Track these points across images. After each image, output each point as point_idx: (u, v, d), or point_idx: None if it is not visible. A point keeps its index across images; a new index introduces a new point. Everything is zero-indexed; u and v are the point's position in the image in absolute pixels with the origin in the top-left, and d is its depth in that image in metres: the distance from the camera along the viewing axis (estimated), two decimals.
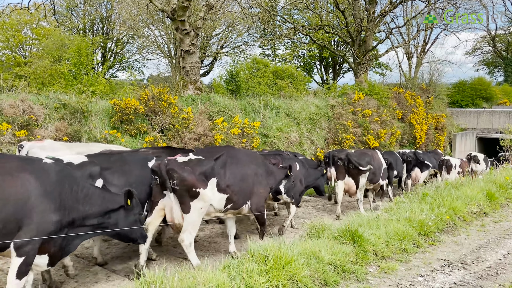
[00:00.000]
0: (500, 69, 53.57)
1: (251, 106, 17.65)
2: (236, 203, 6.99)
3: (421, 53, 37.89)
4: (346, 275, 5.81)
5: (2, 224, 4.49)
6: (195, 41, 16.45)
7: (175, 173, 6.29)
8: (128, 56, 35.65)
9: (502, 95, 43.14)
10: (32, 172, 4.80)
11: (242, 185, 7.01)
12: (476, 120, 33.83)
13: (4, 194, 4.52)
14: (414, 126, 24.25)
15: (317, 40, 26.78)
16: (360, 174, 10.68)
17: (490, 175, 10.81)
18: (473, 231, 7.95)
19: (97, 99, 13.42)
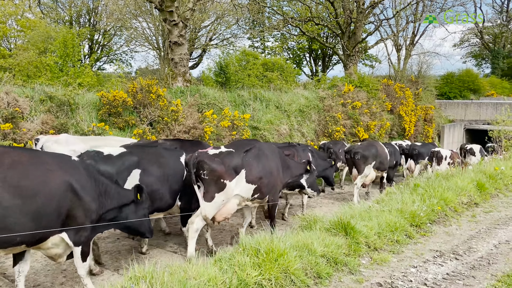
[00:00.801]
0: (487, 61, 53.97)
1: (240, 98, 17.50)
2: (263, 193, 7.42)
3: (410, 45, 37.95)
4: (339, 267, 5.76)
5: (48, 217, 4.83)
6: (184, 33, 16.23)
7: (205, 164, 6.63)
8: (116, 49, 35.14)
9: (489, 87, 43.43)
10: (68, 168, 5.18)
11: (270, 178, 7.47)
12: (464, 112, 34.06)
13: (49, 187, 4.84)
14: (403, 117, 24.31)
15: (306, 32, 26.64)
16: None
17: (480, 165, 10.85)
18: (464, 222, 7.96)
19: (84, 91, 13.17)
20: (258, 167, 7.21)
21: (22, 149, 5.28)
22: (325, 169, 11.17)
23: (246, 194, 7.17)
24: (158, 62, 35.59)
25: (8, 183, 4.55)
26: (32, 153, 5.21)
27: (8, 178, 4.58)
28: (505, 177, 10.41)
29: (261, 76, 20.65)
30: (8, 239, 4.58)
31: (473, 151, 18.21)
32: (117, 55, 36.10)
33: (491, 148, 16.10)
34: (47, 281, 6.90)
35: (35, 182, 4.74)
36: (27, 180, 4.69)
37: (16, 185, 4.60)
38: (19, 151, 5.00)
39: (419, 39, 38.30)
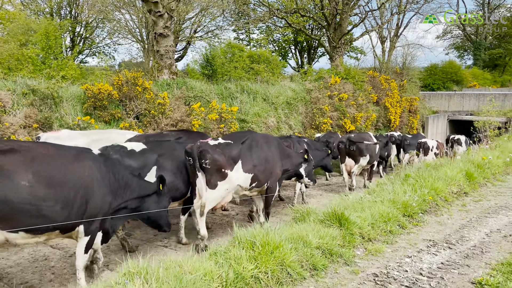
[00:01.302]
0: (469, 52, 54.67)
1: (227, 91, 17.34)
2: (260, 181, 7.75)
3: (394, 37, 38.19)
4: (334, 259, 5.72)
5: (75, 206, 5.16)
6: (169, 24, 15.95)
7: (208, 153, 6.98)
8: (98, 41, 34.46)
9: (472, 78, 44.05)
10: (90, 161, 5.48)
11: (266, 165, 7.80)
12: (448, 103, 34.48)
13: (73, 179, 5.17)
14: (389, 109, 24.44)
15: (292, 24, 26.51)
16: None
17: (467, 155, 10.94)
18: (455, 211, 8.00)
19: (68, 84, 12.85)
20: (253, 156, 7.54)
21: (48, 144, 5.67)
22: (323, 158, 11.86)
23: (244, 183, 7.50)
24: (142, 55, 35.14)
25: (41, 176, 4.89)
26: (58, 147, 5.52)
27: (41, 171, 4.92)
28: (492, 166, 10.52)
29: (248, 69, 20.49)
30: (46, 224, 4.96)
31: (460, 141, 18.65)
32: (100, 48, 35.46)
33: (477, 138, 16.36)
34: (35, 278, 6.75)
35: (62, 174, 5.09)
36: (56, 172, 5.04)
37: (48, 176, 4.95)
38: (46, 146, 5.37)
39: (403, 31, 38.62)
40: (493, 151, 11.66)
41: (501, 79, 50.55)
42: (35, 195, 4.80)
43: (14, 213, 4.72)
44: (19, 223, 4.80)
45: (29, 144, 5.32)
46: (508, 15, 48.20)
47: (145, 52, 31.57)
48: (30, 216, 4.81)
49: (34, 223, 4.85)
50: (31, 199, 4.78)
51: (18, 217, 4.77)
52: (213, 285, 4.58)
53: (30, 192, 4.77)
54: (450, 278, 5.27)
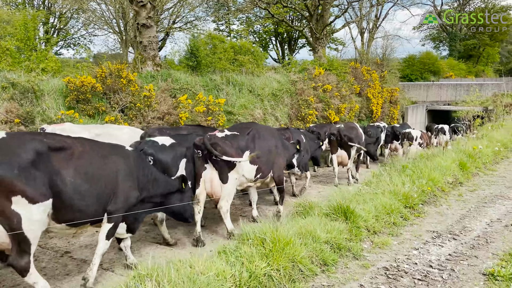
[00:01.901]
0: (444, 43, 55.58)
1: (213, 82, 17.03)
2: (264, 172, 7.89)
3: (373, 28, 38.41)
4: (343, 253, 5.62)
5: (104, 197, 5.44)
6: (152, 14, 15.52)
7: (218, 146, 7.05)
8: (73, 32, 33.45)
9: (448, 68, 44.77)
10: (121, 157, 5.78)
11: (268, 157, 7.93)
12: (426, 93, 34.96)
13: (107, 173, 5.44)
14: (371, 100, 24.53)
15: (275, 15, 26.28)
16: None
17: (458, 145, 11.02)
18: (452, 201, 8.02)
19: (49, 77, 12.31)
20: (257, 147, 7.64)
21: (83, 139, 5.69)
22: (315, 150, 11.92)
23: (250, 175, 7.61)
24: (119, 47, 34.29)
25: (80, 171, 5.11)
26: (93, 142, 5.69)
27: (79, 166, 5.13)
28: (483, 156, 10.62)
29: (232, 60, 20.19)
30: (86, 218, 5.24)
31: (444, 130, 19.00)
32: (75, 40, 34.46)
33: (461, 128, 16.63)
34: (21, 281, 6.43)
35: (97, 169, 5.33)
36: (92, 168, 5.27)
37: (86, 172, 5.17)
38: (82, 141, 5.48)
39: (382, 22, 38.88)
40: (481, 141, 11.80)
41: (475, 69, 51.63)
42: (78, 190, 5.07)
43: (62, 207, 4.98)
44: (64, 216, 5.07)
45: (69, 139, 5.39)
46: (483, 6, 49.11)
47: (123, 44, 30.84)
48: (72, 210, 5.09)
49: (75, 216, 5.16)
50: (75, 194, 5.05)
51: (64, 211, 5.03)
52: (226, 285, 4.40)
53: (74, 188, 5.02)
54: (461, 270, 5.23)
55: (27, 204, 4.56)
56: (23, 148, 4.66)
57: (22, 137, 4.88)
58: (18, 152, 4.59)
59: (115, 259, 7.58)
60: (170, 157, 7.19)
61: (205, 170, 7.25)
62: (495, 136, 12.76)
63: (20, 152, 4.60)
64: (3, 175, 4.39)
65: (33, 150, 4.70)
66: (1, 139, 4.58)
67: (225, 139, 7.28)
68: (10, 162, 4.47)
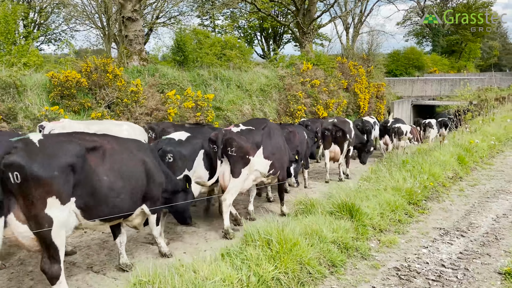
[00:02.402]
0: (427, 39, 56.01)
1: (200, 78, 16.63)
2: (276, 169, 7.98)
3: (358, 23, 38.35)
4: (351, 253, 5.36)
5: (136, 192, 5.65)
6: (138, 7, 15.04)
7: (234, 141, 7.17)
8: (54, 28, 32.48)
9: (432, 63, 45.10)
10: (146, 153, 5.99)
11: (280, 153, 8.09)
12: (411, 88, 35.12)
13: (136, 169, 5.65)
14: (358, 95, 24.44)
15: (262, 9, 25.93)
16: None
17: (453, 139, 10.90)
18: (455, 197, 7.84)
19: (31, 72, 11.78)
20: (272, 143, 7.79)
21: (110, 137, 5.74)
22: (312, 145, 12.09)
23: (264, 169, 7.71)
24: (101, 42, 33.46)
25: (113, 169, 5.25)
26: (119, 140, 5.79)
27: (112, 164, 5.26)
28: (479, 150, 10.52)
29: (220, 55, 19.80)
30: (119, 212, 5.40)
31: (431, 124, 19.10)
32: (56, 35, 33.50)
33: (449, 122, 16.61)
34: (12, 285, 6.04)
35: (128, 166, 5.49)
36: (124, 165, 5.43)
37: (118, 169, 5.32)
38: (108, 138, 5.56)
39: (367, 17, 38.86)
40: (476, 135, 11.71)
41: (457, 64, 52.17)
42: (112, 188, 5.21)
43: (97, 204, 5.11)
44: (99, 212, 5.19)
45: (96, 137, 5.45)
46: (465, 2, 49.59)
47: (106, 39, 30.09)
48: (107, 206, 5.22)
49: (110, 212, 5.31)
50: (111, 191, 5.20)
51: (100, 208, 5.15)
52: None
53: (109, 185, 5.17)
54: (475, 269, 5.03)
55: (59, 206, 4.60)
56: (61, 150, 4.73)
57: (58, 139, 4.96)
58: (56, 153, 4.65)
59: (106, 261, 7.25)
60: (188, 149, 7.41)
61: (220, 165, 7.35)
62: (488, 130, 12.70)
63: (58, 154, 4.65)
64: (43, 175, 4.40)
65: (70, 151, 4.78)
66: (38, 141, 4.61)
67: (241, 134, 7.38)
68: (49, 163, 4.50)
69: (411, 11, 53.33)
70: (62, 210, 4.63)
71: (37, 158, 4.43)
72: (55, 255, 4.64)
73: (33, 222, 4.44)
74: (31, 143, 4.55)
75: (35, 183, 4.35)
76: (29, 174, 4.31)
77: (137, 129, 8.98)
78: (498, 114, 15.94)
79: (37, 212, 4.42)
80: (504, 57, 73.26)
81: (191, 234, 8.38)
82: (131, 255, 7.51)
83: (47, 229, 4.49)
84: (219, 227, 8.44)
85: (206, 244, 8.00)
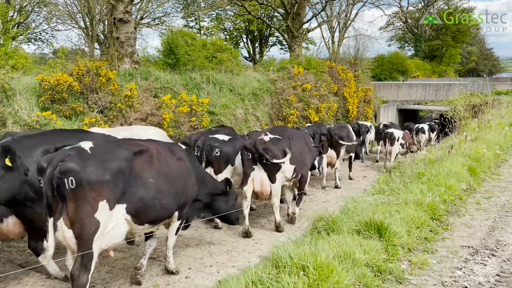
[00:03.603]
0: (410, 43, 56.69)
1: (193, 81, 16.18)
2: (297, 172, 8.68)
3: (343, 27, 38.42)
4: (385, 276, 5.03)
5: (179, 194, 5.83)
6: (130, 9, 14.53)
7: (269, 150, 7.82)
8: (34, 27, 31.38)
9: (415, 68, 45.56)
10: (184, 156, 6.19)
11: (301, 157, 8.70)
12: (396, 93, 35.30)
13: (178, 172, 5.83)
14: (347, 99, 24.35)
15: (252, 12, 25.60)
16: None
17: (459, 148, 10.73)
18: (473, 210, 7.62)
19: (20, 74, 11.12)
20: (294, 149, 8.39)
21: (153, 141, 6.00)
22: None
23: (289, 174, 8.39)
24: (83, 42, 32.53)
25: (160, 173, 5.47)
26: (162, 144, 6.02)
27: (158, 168, 5.47)
28: (486, 159, 10.39)
29: (211, 57, 19.36)
30: (164, 215, 5.69)
31: (424, 129, 19.24)
32: (36, 34, 32.35)
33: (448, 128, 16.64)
34: None
35: (172, 170, 5.69)
36: (169, 169, 5.64)
37: (165, 173, 5.55)
38: (151, 143, 5.79)
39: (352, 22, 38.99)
40: (479, 143, 11.60)
41: (438, 69, 52.96)
42: (160, 191, 5.40)
43: (146, 208, 5.29)
44: (147, 216, 5.38)
45: (142, 142, 5.70)
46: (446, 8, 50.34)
47: (89, 39, 29.25)
48: (154, 209, 5.41)
49: (157, 216, 5.52)
50: (158, 193, 5.39)
51: (148, 211, 5.34)
52: None
53: (156, 189, 5.35)
54: None
55: (108, 211, 4.83)
56: (111, 155, 5.00)
57: (107, 145, 5.28)
58: (106, 158, 4.91)
59: (108, 279, 6.80)
60: (231, 148, 8.56)
61: (253, 171, 8.03)
62: (489, 138, 12.63)
63: (108, 159, 4.92)
64: (96, 179, 4.68)
65: (119, 156, 5.04)
66: (89, 148, 4.89)
67: (272, 143, 8.02)
68: (101, 168, 4.78)
69: (393, 16, 53.94)
70: (110, 215, 4.89)
71: (90, 164, 4.72)
72: (88, 264, 4.71)
73: (80, 225, 4.63)
74: (83, 150, 4.85)
75: (89, 187, 4.64)
76: (83, 178, 4.60)
77: (161, 133, 9.17)
78: (492, 121, 15.95)
79: (87, 215, 4.64)
80: (482, 62, 74.93)
81: (194, 247, 7.99)
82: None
83: (91, 233, 4.68)
84: (221, 240, 8.27)
85: (211, 259, 7.63)
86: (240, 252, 7.87)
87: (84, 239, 4.66)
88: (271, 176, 8.04)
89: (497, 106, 23.00)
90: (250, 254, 7.77)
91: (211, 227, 9.04)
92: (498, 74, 77.68)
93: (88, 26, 28.72)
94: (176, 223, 6.19)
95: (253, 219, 9.54)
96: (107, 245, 5.07)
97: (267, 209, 10.15)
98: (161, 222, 5.84)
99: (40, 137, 5.80)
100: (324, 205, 10.69)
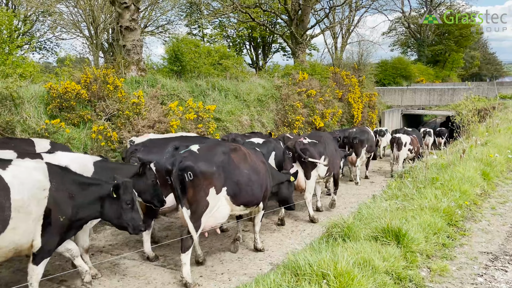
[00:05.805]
0: (412, 49, 56.66)
1: (199, 88, 16.17)
2: (330, 171, 10.25)
3: (346, 33, 38.43)
4: (405, 284, 4.93)
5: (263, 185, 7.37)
6: (136, 16, 14.54)
7: (308, 151, 9.32)
8: (39, 36, 31.51)
9: (418, 73, 45.47)
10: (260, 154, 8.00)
11: (333, 158, 10.23)
12: (401, 98, 35.19)
13: (262, 168, 7.42)
14: (352, 105, 24.31)
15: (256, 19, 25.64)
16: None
17: (471, 152, 10.63)
18: (489, 216, 7.51)
19: (28, 83, 11.11)
20: (328, 152, 9.85)
21: (235, 144, 7.62)
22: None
23: (323, 173, 9.93)
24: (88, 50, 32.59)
25: (251, 165, 7.06)
26: (248, 148, 7.72)
27: (251, 165, 7.06)
28: (498, 164, 10.29)
29: (216, 64, 19.35)
30: (253, 201, 7.19)
31: (431, 133, 19.38)
32: (40, 43, 32.47)
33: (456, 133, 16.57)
34: None
35: (257, 165, 7.23)
36: (255, 164, 7.18)
37: (255, 168, 7.11)
38: (238, 146, 7.35)
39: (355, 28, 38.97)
40: (490, 148, 11.50)
41: (442, 74, 52.90)
42: (251, 179, 6.96)
43: (241, 191, 6.85)
44: (242, 199, 6.94)
45: (233, 143, 7.71)
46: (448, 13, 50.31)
47: (93, 47, 29.30)
48: (247, 194, 6.95)
49: (248, 200, 7.07)
50: (249, 181, 6.93)
51: (242, 195, 6.89)
52: None
53: (249, 177, 6.93)
54: None
55: (215, 195, 6.55)
56: (214, 152, 6.71)
57: (209, 145, 6.96)
58: (213, 154, 6.64)
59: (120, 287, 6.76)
60: (266, 150, 9.62)
61: (292, 168, 9.22)
62: (499, 142, 12.52)
63: (214, 155, 6.65)
64: (207, 171, 6.42)
65: (220, 152, 6.73)
66: (197, 149, 6.61)
67: (310, 146, 9.44)
68: (209, 162, 6.49)
69: (396, 22, 53.96)
70: (217, 198, 6.58)
71: (200, 160, 6.45)
72: (193, 233, 6.40)
73: (195, 205, 6.41)
74: (194, 151, 6.59)
75: (202, 177, 6.36)
76: (198, 171, 6.33)
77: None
78: (500, 125, 15.84)
79: (201, 198, 6.40)
80: (485, 67, 74.87)
81: (205, 255, 7.90)
82: (146, 280, 7.03)
83: (203, 210, 6.46)
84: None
85: (222, 267, 7.58)
86: (251, 259, 7.80)
87: (197, 214, 6.40)
88: (306, 173, 9.44)
89: (504, 110, 22.87)
90: (262, 261, 7.70)
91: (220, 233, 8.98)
92: (501, 78, 77.53)
93: (92, 34, 28.78)
94: (261, 213, 7.72)
95: (262, 226, 9.46)
96: (214, 224, 6.85)
97: (276, 216, 10.07)
98: (251, 206, 7.30)
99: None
100: (334, 212, 10.61)
